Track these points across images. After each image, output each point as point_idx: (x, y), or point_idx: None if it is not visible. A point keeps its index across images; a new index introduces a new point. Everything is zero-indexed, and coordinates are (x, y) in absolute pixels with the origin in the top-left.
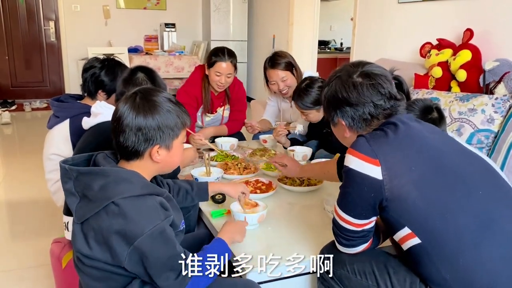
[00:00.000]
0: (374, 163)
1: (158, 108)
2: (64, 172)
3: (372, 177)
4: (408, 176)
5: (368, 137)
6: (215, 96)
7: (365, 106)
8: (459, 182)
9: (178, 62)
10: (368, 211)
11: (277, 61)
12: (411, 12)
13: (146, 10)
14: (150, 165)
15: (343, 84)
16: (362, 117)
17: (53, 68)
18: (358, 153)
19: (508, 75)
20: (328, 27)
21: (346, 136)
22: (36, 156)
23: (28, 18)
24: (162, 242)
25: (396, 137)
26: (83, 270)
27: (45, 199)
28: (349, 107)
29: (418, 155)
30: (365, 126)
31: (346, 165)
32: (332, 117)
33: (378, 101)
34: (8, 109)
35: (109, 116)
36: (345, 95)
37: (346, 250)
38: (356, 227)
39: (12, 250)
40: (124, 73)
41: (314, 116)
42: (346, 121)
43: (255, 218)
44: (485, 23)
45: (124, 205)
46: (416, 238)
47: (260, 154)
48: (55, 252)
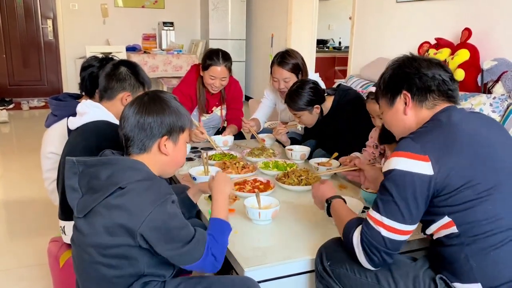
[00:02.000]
0: (424, 159)
1: (166, 104)
2: (70, 166)
3: (424, 174)
4: (457, 168)
5: (413, 137)
6: (210, 96)
7: (435, 77)
8: (508, 178)
9: (177, 61)
10: (421, 210)
11: (285, 60)
12: (409, 11)
13: (144, 8)
14: (158, 158)
15: (412, 60)
16: (431, 88)
17: (51, 66)
18: (406, 153)
19: (506, 74)
20: (326, 26)
21: (406, 113)
22: (34, 155)
23: (26, 17)
24: (172, 214)
25: (442, 131)
26: (103, 262)
27: (43, 198)
28: (417, 77)
29: (467, 148)
30: (430, 99)
31: (391, 168)
32: (394, 94)
33: (445, 76)
34: (6, 107)
35: (96, 115)
36: (415, 65)
37: (373, 267)
38: (404, 236)
39: (10, 249)
40: (106, 68)
41: (307, 118)
42: (412, 92)
43: (269, 213)
44: (483, 23)
45: (130, 187)
46: (454, 227)
47: (258, 153)
48: (52, 251)
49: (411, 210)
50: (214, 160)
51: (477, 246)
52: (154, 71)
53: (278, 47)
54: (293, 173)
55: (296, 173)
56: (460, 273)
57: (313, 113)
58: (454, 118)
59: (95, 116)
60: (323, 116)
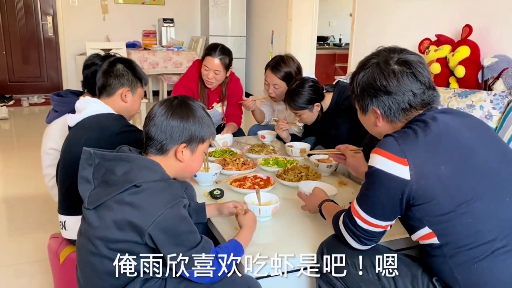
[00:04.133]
0: (402, 163)
1: (192, 112)
2: (86, 157)
3: (400, 177)
4: (436, 176)
5: (397, 136)
6: (211, 92)
7: (405, 95)
8: (489, 187)
9: (177, 57)
10: (394, 212)
11: (279, 67)
12: (409, 8)
13: (144, 5)
14: (173, 163)
15: (382, 71)
16: (400, 107)
17: (51, 63)
18: (386, 153)
19: (506, 71)
20: (327, 23)
21: (378, 125)
22: (34, 152)
23: (26, 13)
24: (183, 217)
25: (425, 135)
26: (108, 255)
27: (43, 194)
28: (386, 96)
29: (448, 155)
30: (402, 115)
31: (371, 165)
32: (364, 106)
33: (417, 90)
34: (6, 104)
35: (95, 109)
36: (384, 83)
37: (361, 247)
38: (379, 228)
39: (10, 245)
40: (103, 66)
41: (307, 116)
42: (382, 110)
43: (269, 210)
44: (484, 19)
45: (145, 186)
46: (435, 238)
47: (258, 150)
48: (52, 247)
49: (383, 209)
50: (214, 157)
51: (461, 259)
52: (154, 67)
53: (278, 44)
54: (293, 170)
55: (296, 169)
56: (448, 284)
57: (314, 111)
58: (439, 121)
59: (95, 110)
60: (322, 113)
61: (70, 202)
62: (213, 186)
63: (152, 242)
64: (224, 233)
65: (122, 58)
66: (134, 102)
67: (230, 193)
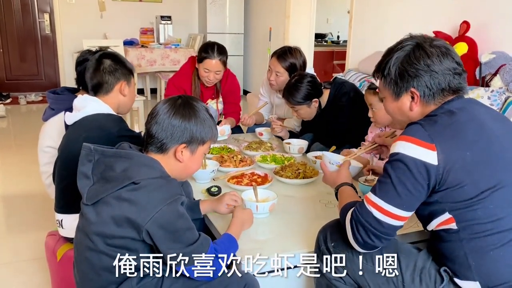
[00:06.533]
0: (430, 148)
1: (195, 112)
2: (86, 153)
3: (429, 162)
4: (462, 161)
5: (423, 123)
6: (204, 88)
7: (445, 75)
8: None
9: (174, 55)
10: (418, 199)
11: (285, 56)
12: (407, 5)
13: (142, 2)
14: (172, 163)
15: (425, 50)
16: (441, 86)
17: (48, 61)
18: (414, 138)
19: (504, 67)
20: (324, 20)
21: (413, 109)
22: (31, 149)
23: (23, 11)
24: (180, 214)
25: (452, 123)
26: (105, 251)
27: (40, 192)
28: (428, 76)
29: (474, 142)
30: (438, 97)
31: (396, 152)
32: (401, 89)
33: (456, 70)
34: (3, 102)
35: (94, 108)
36: (428, 61)
37: (365, 250)
38: (396, 221)
39: (8, 243)
40: (91, 63)
41: (305, 112)
42: (422, 91)
43: (267, 206)
44: (482, 16)
45: (143, 183)
46: (454, 224)
47: (256, 147)
48: (50, 245)
49: (408, 196)
50: (212, 154)
51: (477, 245)
52: (152, 65)
53: (276, 41)
54: (290, 167)
55: (293, 166)
56: (459, 270)
57: (312, 107)
58: (465, 110)
59: (94, 109)
60: (320, 109)
61: (67, 200)
62: (211, 183)
63: (149, 238)
64: (221, 229)
65: (107, 54)
66: (131, 93)
67: (228, 190)
